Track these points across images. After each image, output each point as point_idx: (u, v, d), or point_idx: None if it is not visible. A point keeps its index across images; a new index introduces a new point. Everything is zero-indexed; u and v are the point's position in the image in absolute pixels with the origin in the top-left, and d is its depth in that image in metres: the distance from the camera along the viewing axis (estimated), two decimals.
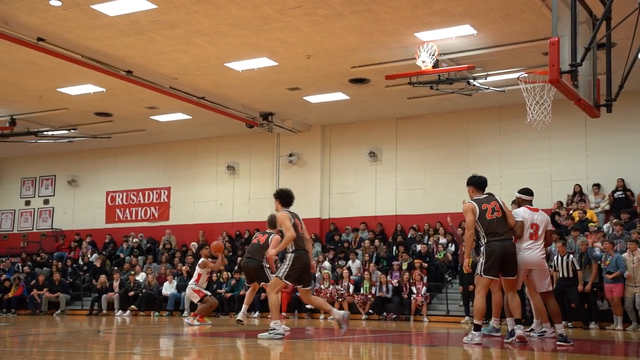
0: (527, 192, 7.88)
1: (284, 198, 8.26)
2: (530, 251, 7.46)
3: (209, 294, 12.11)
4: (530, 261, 7.47)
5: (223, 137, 20.85)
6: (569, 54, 6.11)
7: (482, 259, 7.35)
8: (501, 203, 7.49)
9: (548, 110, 9.16)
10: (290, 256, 8.00)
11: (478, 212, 7.34)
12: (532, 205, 7.75)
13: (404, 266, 15.59)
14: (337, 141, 19.56)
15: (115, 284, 17.90)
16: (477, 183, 7.64)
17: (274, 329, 7.99)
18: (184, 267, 17.44)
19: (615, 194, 15.44)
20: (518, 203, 7.90)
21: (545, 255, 7.65)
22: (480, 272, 7.36)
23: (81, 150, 22.30)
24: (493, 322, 8.56)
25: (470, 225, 7.41)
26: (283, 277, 7.97)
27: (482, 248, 7.38)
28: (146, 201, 21.94)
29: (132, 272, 18.27)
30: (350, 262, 16.63)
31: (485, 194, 7.59)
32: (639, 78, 13.99)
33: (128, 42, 13.01)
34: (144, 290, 17.49)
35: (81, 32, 12.52)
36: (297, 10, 11.47)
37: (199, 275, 11.87)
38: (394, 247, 17.01)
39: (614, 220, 13.88)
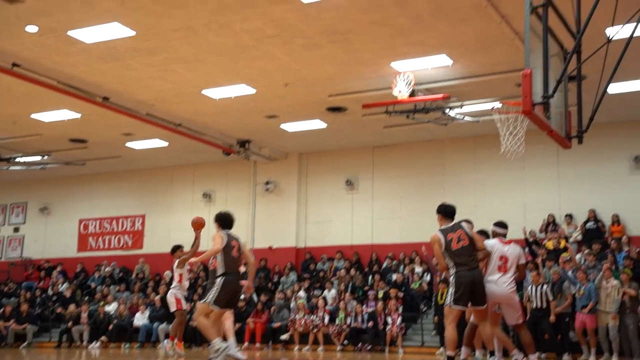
0: (501, 225, 7.91)
1: (223, 220, 8.22)
2: (498, 284, 7.43)
3: (185, 307, 11.52)
4: (499, 295, 7.43)
5: (199, 165, 20.76)
6: (541, 86, 6.22)
7: (451, 289, 7.29)
8: (467, 230, 7.46)
9: (521, 141, 9.30)
10: (219, 281, 7.89)
11: (444, 243, 7.33)
12: (505, 238, 7.79)
13: (380, 294, 15.54)
14: (313, 169, 19.59)
15: (84, 315, 17.47)
16: (445, 211, 7.63)
17: (217, 349, 7.72)
18: (156, 297, 17.15)
19: (587, 225, 15.63)
20: (493, 235, 7.93)
21: (514, 288, 7.59)
22: (450, 302, 7.28)
23: (54, 177, 22.02)
24: (477, 353, 8.47)
25: (439, 257, 7.41)
26: (211, 303, 7.84)
27: (451, 278, 7.34)
28: (120, 229, 21.66)
29: (102, 303, 17.89)
30: (326, 291, 16.54)
31: (453, 223, 7.56)
32: (609, 110, 14.38)
33: (105, 69, 12.97)
34: (115, 321, 17.14)
35: (57, 58, 12.46)
36: (276, 39, 11.57)
37: (180, 275, 11.35)
38: (370, 277, 16.97)
39: (586, 251, 14.02)
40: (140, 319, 16.92)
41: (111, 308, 17.83)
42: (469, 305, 7.38)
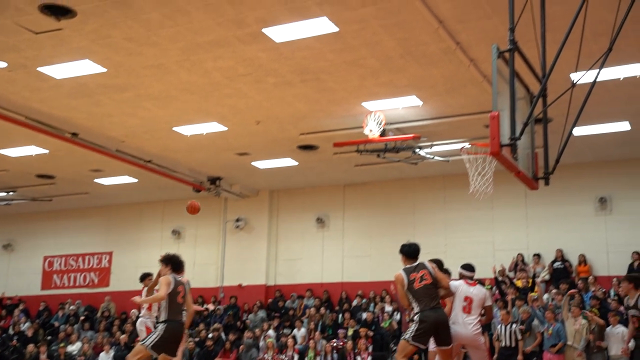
0: (468, 267, 7.89)
1: (174, 264, 8.02)
2: (462, 326, 7.37)
3: None
4: (463, 336, 7.36)
5: (169, 201, 20.56)
6: (508, 128, 6.32)
7: (413, 326, 7.16)
8: (431, 270, 7.39)
9: (490, 181, 9.40)
10: (161, 327, 7.69)
11: (406, 282, 7.26)
12: (471, 281, 7.75)
13: (350, 332, 15.43)
14: (284, 207, 19.54)
15: (43, 357, 16.87)
16: (407, 252, 7.54)
17: None
18: (122, 337, 16.73)
19: (554, 265, 15.79)
20: (459, 277, 7.91)
21: (480, 330, 7.53)
22: (409, 337, 7.10)
23: (19, 213, 21.57)
24: None
25: (401, 296, 7.36)
26: (149, 347, 7.62)
27: (415, 316, 7.22)
28: (86, 266, 21.24)
29: (62, 344, 17.34)
30: (295, 330, 16.35)
31: (417, 262, 7.48)
32: (575, 152, 14.69)
33: (75, 105, 12.87)
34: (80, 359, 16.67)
35: (26, 94, 12.33)
36: (247, 78, 11.63)
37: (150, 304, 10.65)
38: (340, 315, 16.84)
39: (554, 291, 14.14)
40: (105, 359, 16.47)
41: (74, 348, 17.34)
42: (434, 345, 7.33)
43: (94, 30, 9.89)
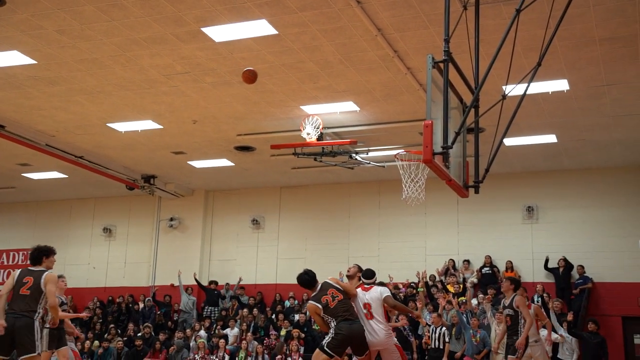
0: (366, 275, 7.78)
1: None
2: (370, 334, 7.33)
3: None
4: (374, 344, 7.34)
5: (101, 198, 20.08)
6: (441, 137, 6.45)
7: (330, 335, 7.23)
8: (335, 285, 7.48)
9: (422, 188, 9.57)
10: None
11: (321, 307, 7.29)
12: (367, 286, 7.65)
13: (283, 332, 15.43)
14: (220, 207, 19.37)
15: None
16: (306, 282, 7.59)
17: None
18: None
19: (483, 270, 16.23)
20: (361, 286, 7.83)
21: (389, 333, 7.50)
22: (324, 344, 7.19)
23: None
24: None
25: (321, 324, 7.40)
26: None
27: (331, 330, 7.28)
28: (10, 263, 20.48)
29: None
30: (228, 329, 16.23)
31: (319, 286, 7.53)
32: (504, 162, 15.15)
33: (2, 96, 12.38)
34: None
35: None
36: (185, 76, 11.47)
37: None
38: (274, 316, 16.82)
39: (481, 296, 14.54)
40: None
41: None
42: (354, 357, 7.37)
43: (24, 20, 9.55)
